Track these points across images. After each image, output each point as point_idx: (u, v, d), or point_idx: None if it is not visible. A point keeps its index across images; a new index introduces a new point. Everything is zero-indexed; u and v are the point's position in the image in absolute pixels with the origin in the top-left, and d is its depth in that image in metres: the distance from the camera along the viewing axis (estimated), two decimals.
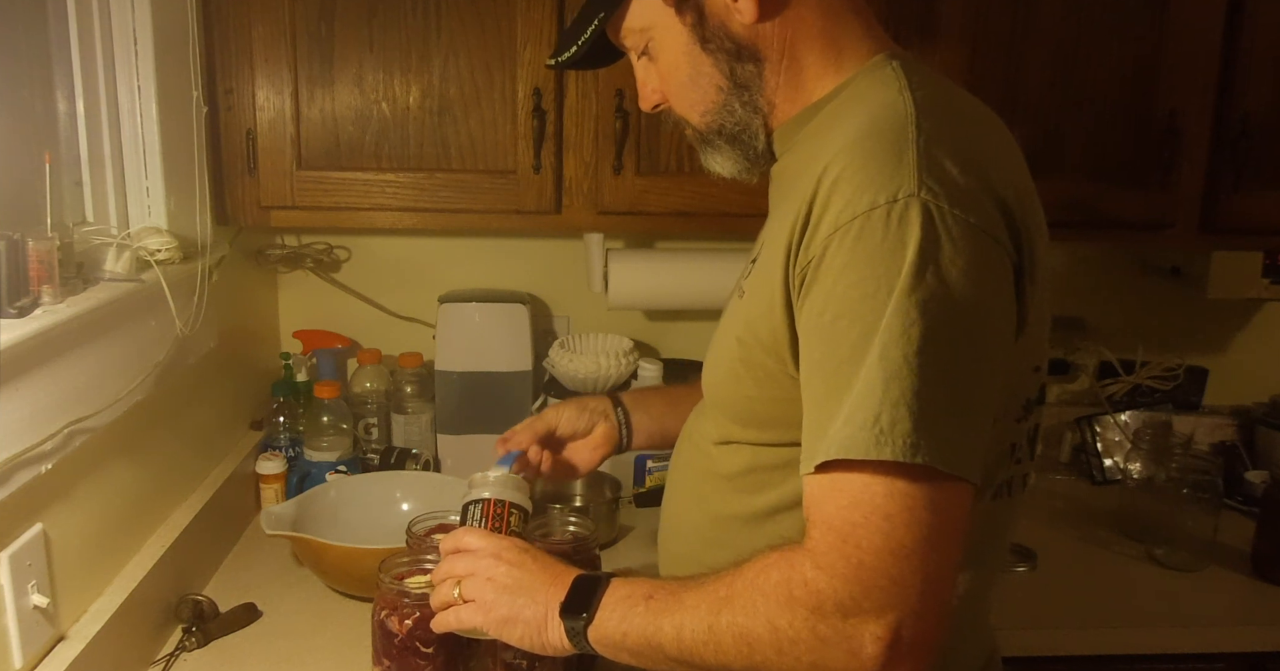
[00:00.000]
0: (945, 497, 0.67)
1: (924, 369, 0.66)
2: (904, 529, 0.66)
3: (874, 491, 0.66)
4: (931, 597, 0.66)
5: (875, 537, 0.66)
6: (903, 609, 0.66)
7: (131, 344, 1.15)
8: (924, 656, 0.67)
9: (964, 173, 0.72)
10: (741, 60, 0.86)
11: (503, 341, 1.71)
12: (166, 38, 1.28)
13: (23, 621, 0.96)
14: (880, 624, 0.66)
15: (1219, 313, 2.00)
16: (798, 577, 0.69)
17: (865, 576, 0.66)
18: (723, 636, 0.72)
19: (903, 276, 0.68)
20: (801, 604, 0.68)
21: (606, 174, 1.51)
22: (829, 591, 0.67)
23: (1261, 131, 1.57)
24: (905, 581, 0.66)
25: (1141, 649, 1.39)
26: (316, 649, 1.23)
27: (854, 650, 0.67)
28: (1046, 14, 1.51)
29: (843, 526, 0.67)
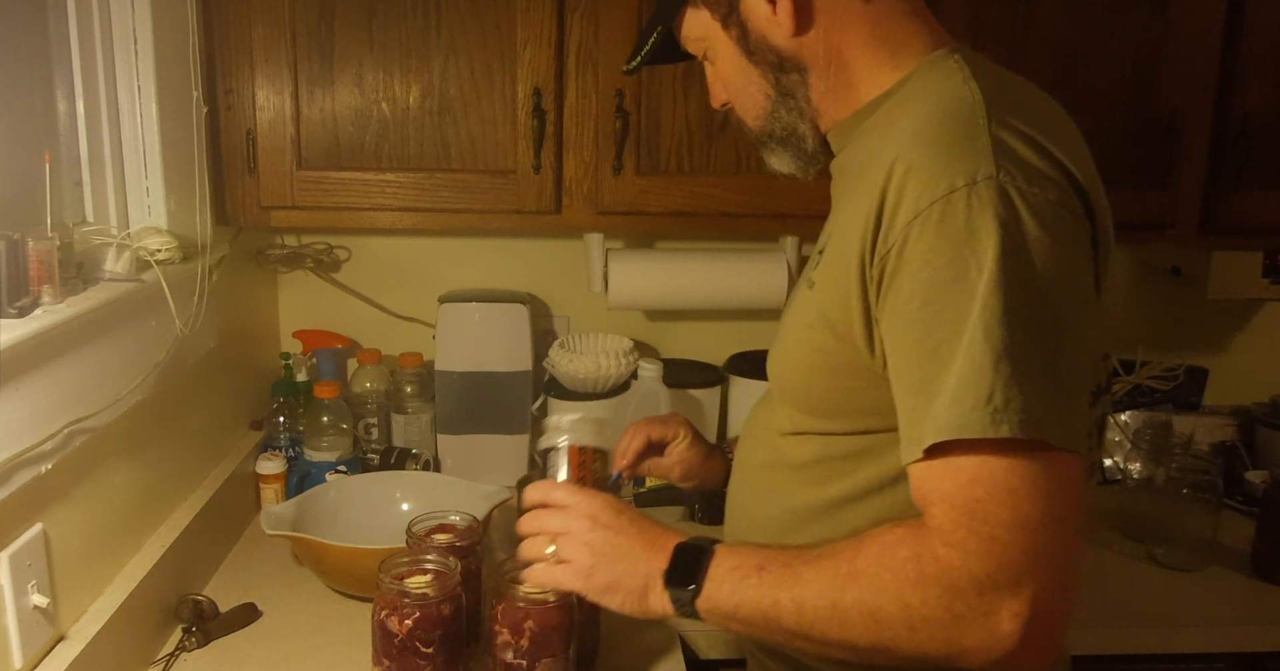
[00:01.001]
0: (1062, 470, 0.67)
1: (1029, 346, 0.67)
2: (1029, 503, 0.66)
3: (994, 467, 0.67)
4: (1063, 570, 0.66)
5: (1003, 512, 0.66)
6: (1038, 583, 0.66)
7: (131, 344, 1.15)
8: (1060, 630, 0.67)
9: (1038, 154, 0.73)
10: (785, 70, 0.89)
11: (503, 341, 1.71)
12: (166, 38, 1.28)
13: (23, 621, 0.96)
14: (1017, 600, 0.66)
15: (1219, 312, 2.00)
16: (928, 554, 0.69)
17: (999, 551, 0.66)
18: (849, 612, 0.72)
19: (992, 257, 0.68)
20: (935, 581, 0.68)
21: (606, 174, 1.51)
22: (963, 568, 0.67)
23: (1261, 131, 1.57)
24: (1038, 555, 0.66)
25: (1141, 649, 1.39)
26: (316, 649, 1.23)
27: (991, 627, 0.66)
28: (1046, 14, 1.51)
29: (967, 503, 0.67)
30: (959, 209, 0.70)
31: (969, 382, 0.67)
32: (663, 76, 1.49)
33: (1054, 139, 0.76)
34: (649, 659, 1.24)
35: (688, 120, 1.51)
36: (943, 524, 0.69)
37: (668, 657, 1.25)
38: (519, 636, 1.05)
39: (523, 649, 1.05)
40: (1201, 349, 2.01)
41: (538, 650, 1.05)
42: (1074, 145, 0.79)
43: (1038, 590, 0.66)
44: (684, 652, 1.27)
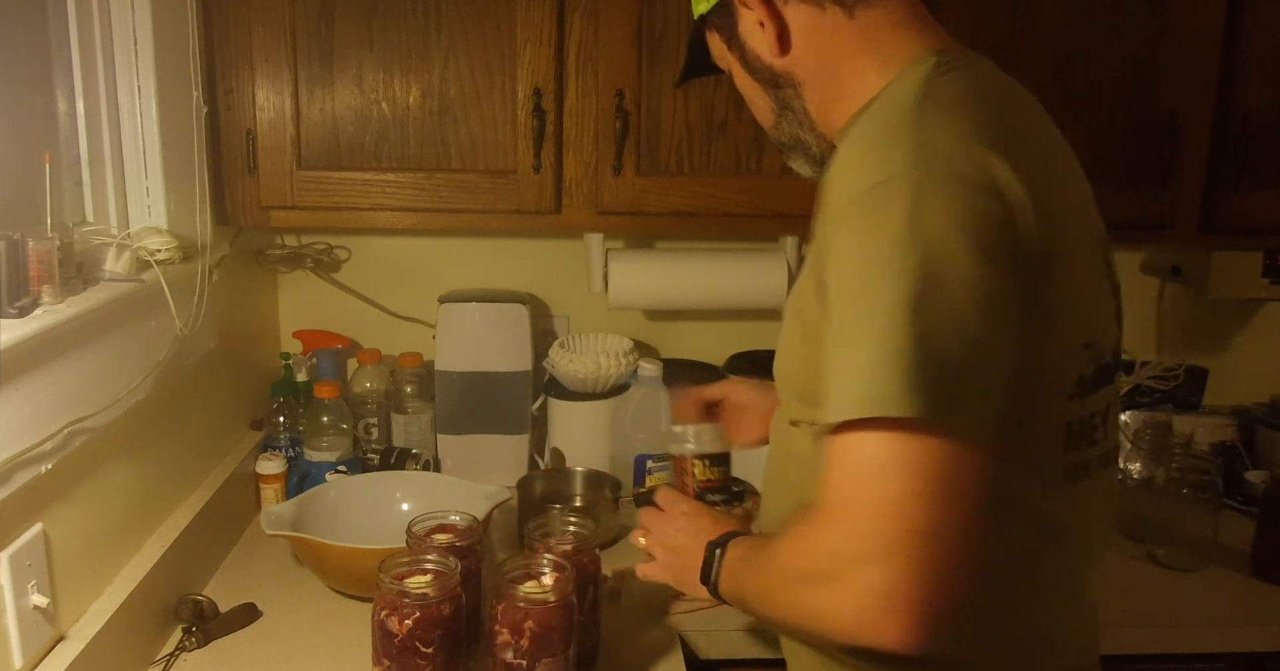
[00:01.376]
0: (936, 452, 0.68)
1: (919, 337, 0.69)
2: (894, 483, 0.68)
3: (866, 448, 0.70)
4: (927, 552, 0.67)
5: (862, 491, 0.70)
6: (895, 562, 0.67)
7: (131, 344, 1.15)
8: (927, 613, 0.67)
9: (960, 154, 0.76)
10: (779, 86, 0.96)
11: (503, 341, 1.71)
12: (166, 38, 1.28)
13: (23, 621, 0.96)
14: (874, 576, 0.68)
15: (1219, 312, 2.00)
16: (808, 535, 0.75)
17: (857, 530, 0.69)
18: (774, 592, 0.81)
19: (896, 251, 0.72)
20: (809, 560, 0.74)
21: (606, 174, 1.51)
22: (827, 546, 0.71)
23: (1261, 131, 1.57)
24: (892, 536, 0.67)
25: (1141, 649, 1.39)
26: (316, 649, 1.23)
27: (854, 605, 0.69)
28: (1046, 14, 1.51)
29: (838, 482, 0.71)
30: (873, 204, 0.74)
31: (857, 366, 0.71)
32: (663, 76, 1.49)
33: (996, 136, 0.78)
34: (649, 659, 1.24)
35: (688, 120, 1.51)
36: (820, 503, 0.73)
37: (668, 657, 1.25)
38: (519, 636, 1.05)
39: (523, 649, 1.05)
40: (1201, 349, 2.01)
41: (538, 650, 1.05)
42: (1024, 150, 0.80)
43: (894, 569, 0.67)
44: (684, 652, 1.27)
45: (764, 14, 0.91)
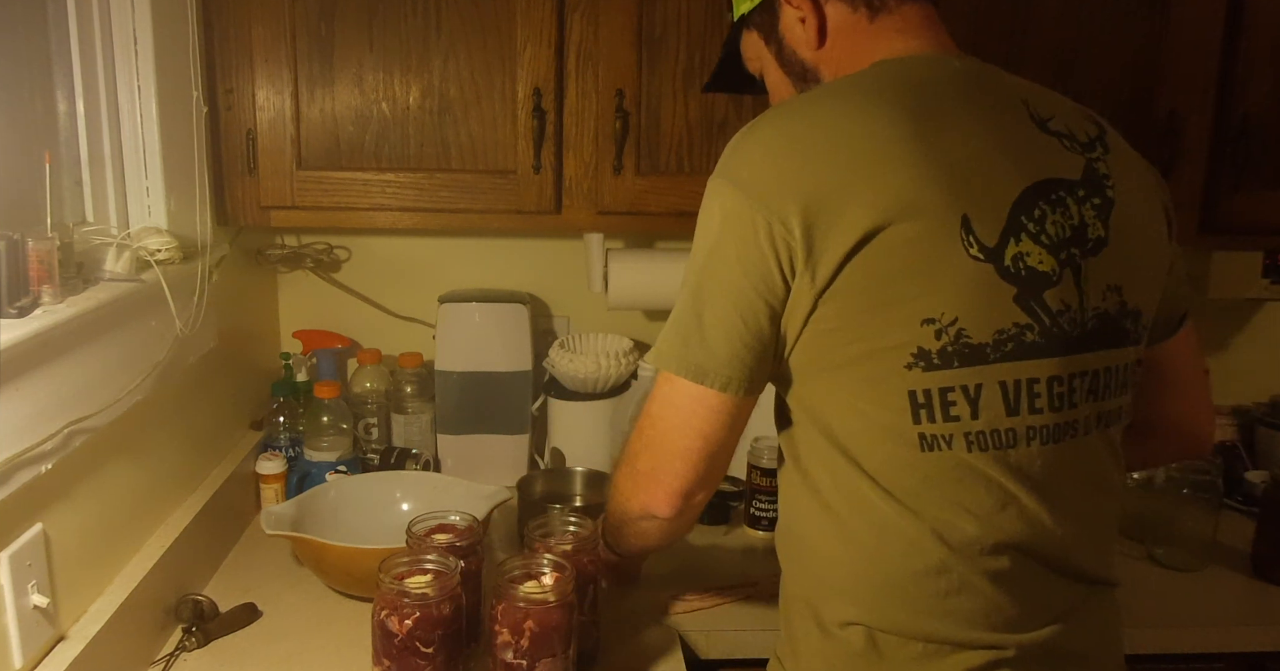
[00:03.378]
0: (684, 396, 0.94)
1: (691, 306, 0.93)
2: (656, 408, 0.97)
3: (657, 385, 0.98)
4: (669, 456, 0.97)
5: (649, 413, 0.99)
6: (652, 455, 0.98)
7: (131, 344, 1.15)
8: (670, 489, 0.97)
9: (749, 157, 0.92)
10: (805, 80, 1.05)
11: (503, 341, 1.71)
12: (166, 38, 1.28)
13: (23, 621, 0.96)
14: (639, 461, 1.00)
15: (1219, 312, 2.00)
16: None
17: (642, 434, 0.99)
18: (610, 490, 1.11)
19: (696, 237, 0.95)
20: (625, 461, 1.05)
21: (606, 174, 1.51)
22: (630, 450, 1.03)
23: (1261, 131, 1.57)
24: (649, 441, 0.99)
25: (1141, 649, 1.39)
26: (316, 649, 1.23)
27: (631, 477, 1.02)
28: (1046, 14, 1.51)
29: (644, 409, 1.00)
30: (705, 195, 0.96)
31: (665, 328, 0.96)
32: (663, 76, 1.49)
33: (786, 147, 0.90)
34: (649, 659, 1.24)
35: (688, 120, 1.51)
36: None
37: (668, 657, 1.25)
38: (519, 636, 1.05)
39: (523, 649, 1.05)
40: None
41: (538, 650, 1.05)
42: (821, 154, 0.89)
43: (649, 458, 0.99)
44: (684, 652, 1.27)
45: (808, 9, 1.00)
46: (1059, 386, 0.91)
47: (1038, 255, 0.89)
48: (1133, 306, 0.97)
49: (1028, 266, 0.89)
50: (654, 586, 1.42)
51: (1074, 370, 0.92)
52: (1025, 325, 0.89)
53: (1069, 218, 0.92)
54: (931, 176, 0.86)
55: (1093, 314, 0.93)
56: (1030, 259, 0.89)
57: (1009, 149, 0.91)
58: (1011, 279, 0.88)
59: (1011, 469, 0.91)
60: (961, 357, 0.88)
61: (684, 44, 1.48)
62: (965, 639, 0.92)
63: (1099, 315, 0.93)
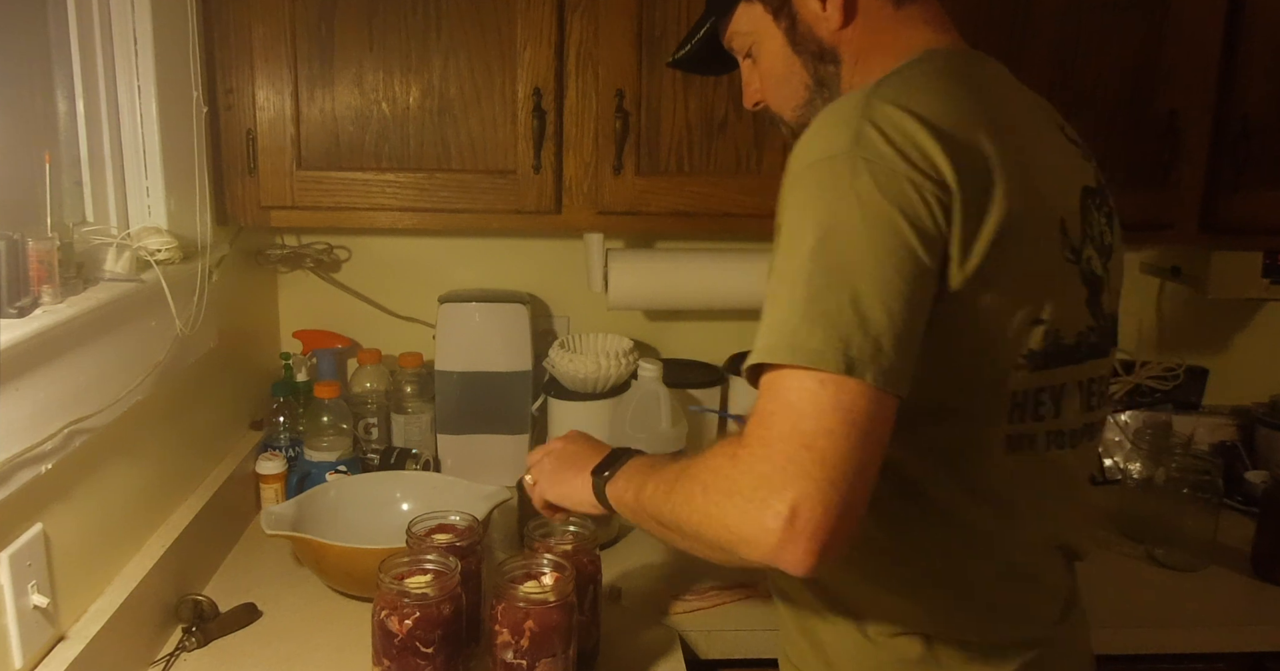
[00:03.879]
0: (849, 399, 0.75)
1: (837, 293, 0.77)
2: (809, 419, 0.75)
3: (787, 386, 0.77)
4: (832, 485, 0.73)
5: (784, 424, 0.76)
6: (801, 490, 0.73)
7: (131, 344, 1.15)
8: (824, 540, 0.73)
9: (898, 134, 0.81)
10: (824, 61, 0.98)
11: (503, 341, 1.71)
12: (166, 38, 1.28)
13: (23, 621, 0.96)
14: (780, 501, 0.73)
15: (1219, 312, 2.00)
16: (729, 452, 0.79)
17: (774, 456, 0.75)
18: (676, 496, 0.84)
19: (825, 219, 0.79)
20: (725, 475, 0.78)
21: (606, 174, 1.51)
22: (745, 465, 0.77)
23: (1261, 131, 1.57)
24: (805, 465, 0.73)
25: (1141, 649, 1.39)
26: (316, 649, 1.23)
27: (758, 521, 0.74)
28: (1046, 14, 1.51)
29: (762, 412, 0.78)
30: (817, 175, 0.81)
31: (784, 317, 0.79)
32: (663, 76, 1.49)
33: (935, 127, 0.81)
34: (649, 659, 1.24)
35: (688, 120, 1.51)
36: (746, 428, 0.79)
37: (668, 657, 1.25)
38: (519, 636, 1.05)
39: (523, 649, 1.05)
40: (1201, 349, 2.01)
41: (538, 650, 1.05)
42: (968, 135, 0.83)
43: (799, 497, 0.73)
44: (684, 652, 1.27)
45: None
46: (1103, 386, 0.97)
47: (1096, 260, 0.94)
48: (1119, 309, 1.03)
49: (1093, 270, 0.93)
50: (654, 586, 1.42)
51: (1106, 370, 0.98)
52: (1092, 327, 0.94)
53: (1098, 224, 0.96)
54: (1037, 174, 0.88)
55: (1111, 317, 0.99)
56: (1094, 263, 0.94)
57: (1059, 153, 0.94)
58: (1086, 282, 0.93)
59: (1070, 464, 0.95)
60: (1056, 359, 0.90)
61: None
62: (1017, 637, 0.94)
63: (1113, 317, 0.99)
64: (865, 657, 0.95)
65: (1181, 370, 1.93)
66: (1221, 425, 1.89)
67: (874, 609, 0.94)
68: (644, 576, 1.44)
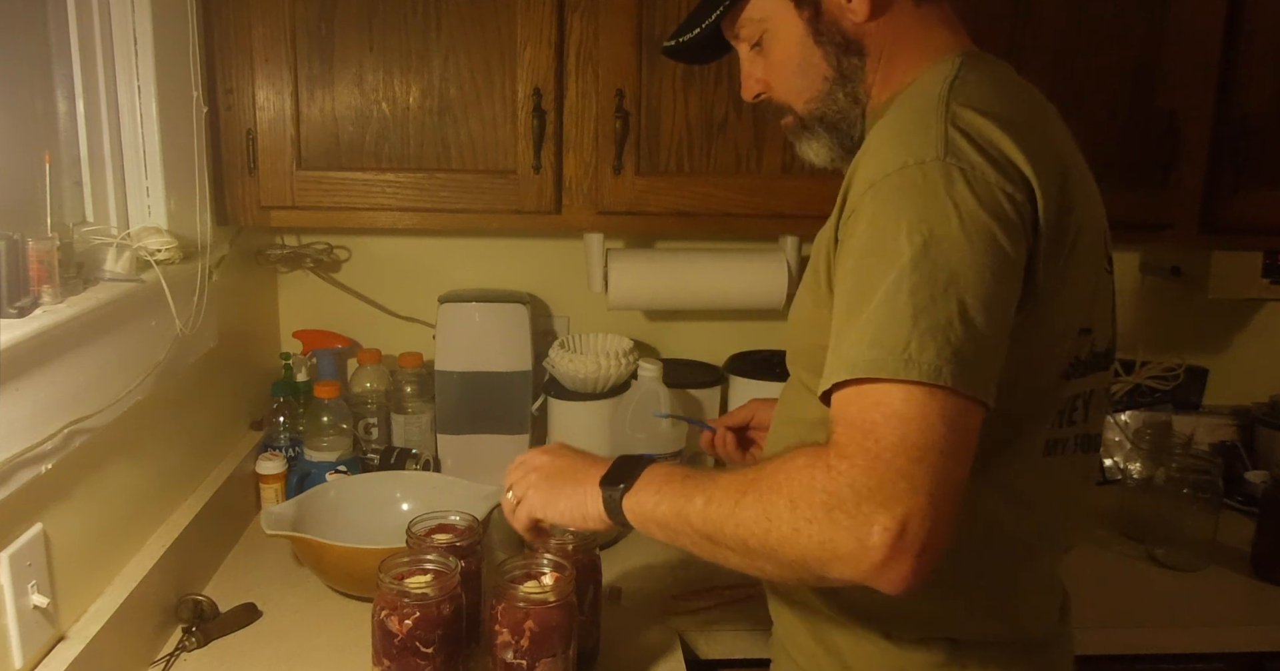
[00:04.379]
0: (957, 413, 0.74)
1: (946, 305, 0.75)
2: (917, 432, 0.72)
3: (895, 398, 0.74)
4: (938, 499, 0.71)
5: (893, 436, 0.72)
6: (911, 505, 0.71)
7: (131, 344, 1.15)
8: (926, 557, 0.71)
9: (986, 141, 0.80)
10: (848, 54, 0.96)
11: (503, 341, 1.71)
12: (166, 38, 1.28)
13: (23, 621, 0.96)
14: (889, 515, 0.70)
15: (1219, 313, 2.00)
16: (822, 464, 0.74)
17: (880, 469, 0.72)
18: (746, 511, 0.78)
19: (925, 225, 0.77)
20: (822, 487, 0.73)
21: (606, 174, 1.51)
22: (848, 478, 0.72)
23: (1261, 131, 1.57)
24: (916, 480, 0.71)
25: (1142, 649, 1.39)
26: (316, 649, 1.23)
27: (862, 537, 0.71)
28: (1046, 14, 1.51)
29: (864, 423, 0.74)
30: (904, 182, 0.79)
31: (890, 329, 0.75)
32: (663, 76, 1.49)
33: (1016, 127, 0.82)
34: (649, 659, 1.24)
35: (688, 120, 1.51)
36: (840, 439, 0.75)
37: (668, 657, 1.25)
38: (519, 636, 1.05)
39: (523, 649, 1.05)
40: (1201, 349, 2.01)
41: (538, 650, 1.05)
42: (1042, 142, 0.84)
43: (909, 511, 0.70)
44: (684, 652, 1.27)
45: None
46: (1109, 391, 1.03)
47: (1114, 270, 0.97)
48: None
49: (1114, 280, 0.97)
50: (654, 586, 1.42)
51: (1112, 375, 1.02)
52: (1113, 336, 0.96)
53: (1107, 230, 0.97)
54: (1087, 185, 0.90)
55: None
56: (1115, 273, 0.97)
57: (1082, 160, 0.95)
58: (1114, 292, 0.96)
59: (1087, 466, 0.97)
60: (1091, 366, 0.92)
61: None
62: (1037, 635, 0.96)
63: None
64: (887, 662, 0.94)
65: (1181, 370, 1.93)
66: (1221, 425, 1.89)
67: (900, 614, 0.93)
68: (644, 576, 1.44)
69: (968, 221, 0.76)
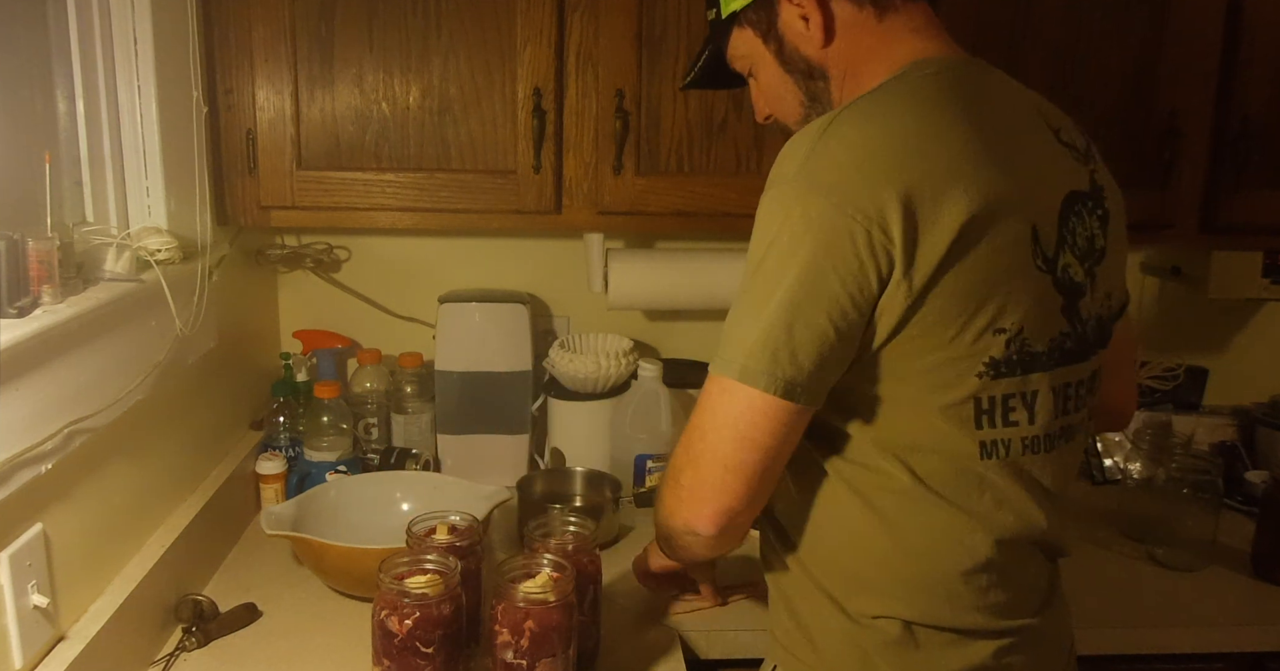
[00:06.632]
0: (759, 410, 0.88)
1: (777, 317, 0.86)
2: (708, 414, 0.91)
3: (707, 391, 0.92)
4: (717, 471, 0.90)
5: (701, 420, 0.92)
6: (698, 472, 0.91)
7: (131, 344, 1.15)
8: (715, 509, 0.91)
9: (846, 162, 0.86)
10: (813, 78, 1.02)
11: (503, 341, 1.71)
12: (166, 38, 1.28)
13: (23, 621, 0.96)
14: (684, 477, 0.93)
15: (1219, 313, 2.00)
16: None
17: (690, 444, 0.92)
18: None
19: (766, 242, 0.87)
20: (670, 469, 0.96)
21: (606, 174, 1.51)
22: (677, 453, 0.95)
23: (1261, 132, 1.57)
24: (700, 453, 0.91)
25: (1141, 649, 1.39)
26: (316, 649, 1.23)
27: (675, 493, 0.94)
28: (1046, 14, 1.51)
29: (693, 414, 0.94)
30: (769, 196, 0.89)
31: (726, 336, 0.90)
32: (663, 76, 1.49)
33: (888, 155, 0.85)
34: (649, 659, 1.24)
35: (688, 120, 1.51)
36: None
37: (668, 657, 1.25)
38: (519, 636, 1.05)
39: (523, 649, 1.05)
40: (1201, 349, 2.01)
41: (538, 650, 1.05)
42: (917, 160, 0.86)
43: (695, 475, 0.92)
44: (684, 652, 1.27)
45: (811, 6, 0.97)
46: (1082, 389, 0.99)
47: (1075, 266, 0.95)
48: (1116, 310, 1.05)
49: (1070, 278, 0.94)
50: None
51: (1086, 373, 0.99)
52: (1067, 333, 0.95)
53: (1087, 229, 0.96)
54: (1006, 185, 0.88)
55: (1095, 321, 0.99)
56: (1072, 270, 0.95)
57: (1045, 160, 0.95)
58: (1061, 289, 0.94)
59: (1048, 466, 0.97)
60: (1024, 365, 0.92)
61: (684, 44, 1.48)
62: (994, 627, 0.97)
63: (1098, 320, 0.99)
64: (847, 637, 0.97)
65: (1181, 370, 1.93)
66: (1221, 425, 1.90)
67: (856, 594, 0.97)
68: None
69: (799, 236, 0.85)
